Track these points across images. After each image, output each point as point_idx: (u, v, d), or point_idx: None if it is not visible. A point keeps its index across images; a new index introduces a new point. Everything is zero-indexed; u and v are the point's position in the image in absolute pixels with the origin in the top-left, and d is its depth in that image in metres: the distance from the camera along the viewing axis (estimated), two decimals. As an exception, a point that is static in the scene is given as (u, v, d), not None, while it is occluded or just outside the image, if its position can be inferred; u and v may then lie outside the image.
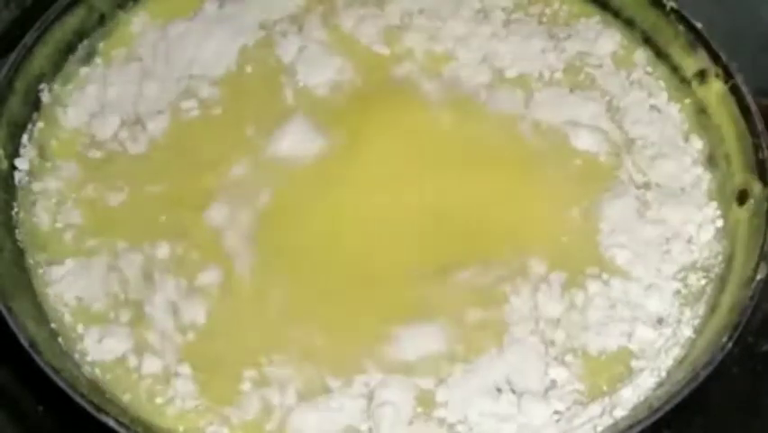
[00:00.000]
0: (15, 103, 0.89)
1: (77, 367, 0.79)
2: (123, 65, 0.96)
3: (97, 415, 0.74)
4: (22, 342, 0.76)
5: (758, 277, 0.79)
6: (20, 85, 0.89)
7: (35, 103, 0.91)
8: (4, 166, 0.87)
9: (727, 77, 0.89)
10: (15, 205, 0.87)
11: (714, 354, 0.76)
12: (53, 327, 0.82)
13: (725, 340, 0.77)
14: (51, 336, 0.81)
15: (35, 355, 0.76)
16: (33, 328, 0.79)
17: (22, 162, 0.89)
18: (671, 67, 0.94)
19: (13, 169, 0.88)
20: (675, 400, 0.75)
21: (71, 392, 0.74)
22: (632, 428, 0.74)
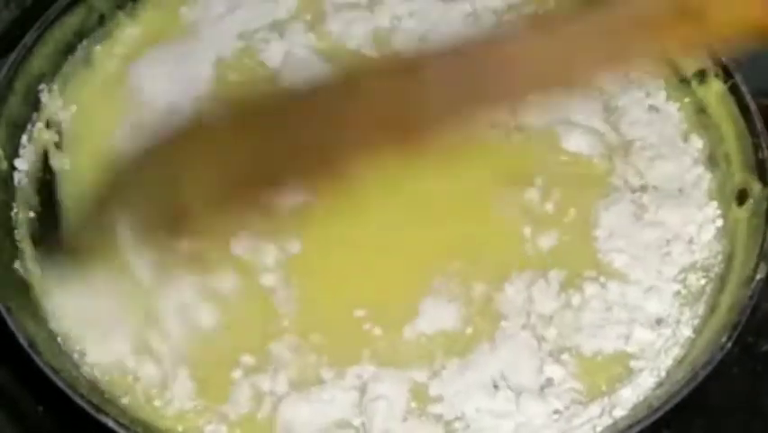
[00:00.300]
0: (15, 103, 0.89)
1: (76, 367, 0.79)
2: None
3: (97, 415, 0.73)
4: (22, 342, 0.76)
5: (758, 277, 0.79)
6: (20, 85, 0.89)
7: (35, 103, 0.91)
8: (4, 166, 0.87)
9: (727, 76, 0.89)
10: (15, 205, 0.87)
11: (713, 353, 0.76)
12: (52, 327, 0.81)
13: (724, 340, 0.76)
14: (51, 336, 0.81)
15: (35, 355, 0.76)
16: (33, 328, 0.79)
17: (21, 162, 0.89)
18: (670, 67, 0.94)
19: (13, 169, 0.88)
20: (675, 400, 0.74)
21: (71, 393, 0.74)
22: (631, 427, 0.74)
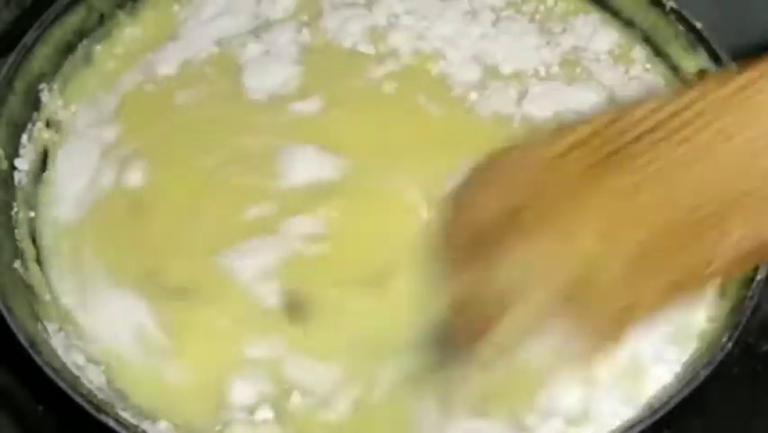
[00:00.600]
0: (15, 103, 0.89)
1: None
2: None
3: (97, 415, 0.73)
4: (22, 342, 0.76)
5: (758, 277, 0.79)
6: (20, 85, 0.89)
7: (35, 103, 0.91)
8: (4, 166, 0.87)
9: (727, 76, 0.89)
10: (15, 205, 0.87)
11: (714, 354, 0.76)
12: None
13: (724, 340, 0.77)
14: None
15: (35, 355, 0.75)
16: (33, 328, 0.79)
17: (21, 162, 0.89)
18: (670, 66, 0.94)
19: (13, 169, 0.88)
20: (675, 400, 0.75)
21: (71, 392, 0.74)
22: (632, 428, 0.74)
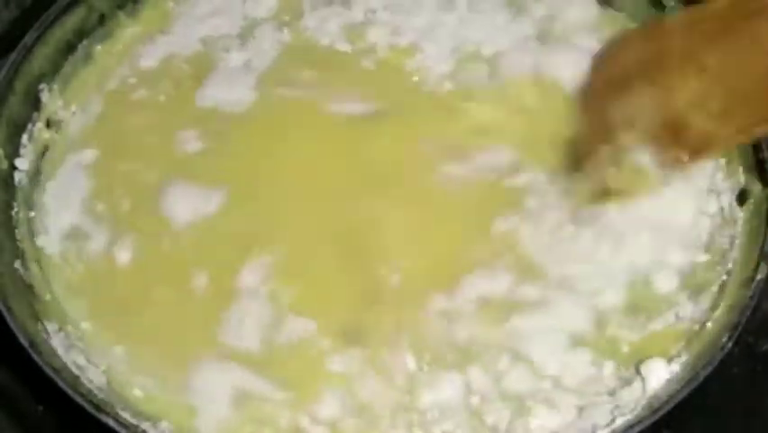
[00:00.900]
0: (15, 103, 0.89)
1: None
2: None
3: (97, 415, 0.74)
4: (22, 342, 0.76)
5: (758, 277, 0.79)
6: (20, 85, 0.89)
7: (35, 103, 0.91)
8: (4, 166, 0.87)
9: (728, 77, 0.89)
10: (15, 205, 0.87)
11: (714, 353, 0.76)
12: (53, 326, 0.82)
13: (724, 340, 0.77)
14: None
15: (35, 355, 0.76)
16: (33, 328, 0.79)
17: (22, 162, 0.89)
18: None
19: (13, 169, 0.88)
20: (675, 400, 0.75)
21: (71, 392, 0.75)
22: (632, 427, 0.74)
